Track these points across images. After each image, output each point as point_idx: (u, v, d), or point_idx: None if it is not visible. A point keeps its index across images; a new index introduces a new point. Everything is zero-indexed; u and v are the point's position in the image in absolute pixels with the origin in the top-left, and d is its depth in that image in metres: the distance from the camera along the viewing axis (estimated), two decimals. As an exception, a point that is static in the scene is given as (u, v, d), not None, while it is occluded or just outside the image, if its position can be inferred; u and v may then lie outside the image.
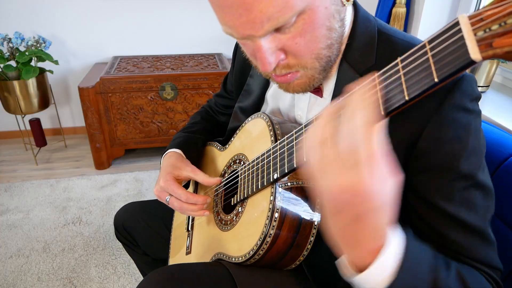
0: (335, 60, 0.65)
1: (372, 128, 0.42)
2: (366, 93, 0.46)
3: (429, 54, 0.39)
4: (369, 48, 0.66)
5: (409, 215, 0.67)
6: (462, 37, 0.35)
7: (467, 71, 0.42)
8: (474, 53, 0.34)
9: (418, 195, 0.63)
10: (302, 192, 0.71)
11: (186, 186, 1.04)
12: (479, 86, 1.54)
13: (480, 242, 0.61)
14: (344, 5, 0.61)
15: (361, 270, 0.48)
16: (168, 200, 0.87)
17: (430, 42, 0.39)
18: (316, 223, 0.70)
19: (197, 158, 1.04)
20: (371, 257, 0.47)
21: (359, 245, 0.47)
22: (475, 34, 0.34)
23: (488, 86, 1.59)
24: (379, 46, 0.66)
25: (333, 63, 0.65)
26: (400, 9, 1.96)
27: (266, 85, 0.88)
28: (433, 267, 0.53)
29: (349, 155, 0.42)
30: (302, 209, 0.70)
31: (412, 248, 0.50)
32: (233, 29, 0.55)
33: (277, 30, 0.55)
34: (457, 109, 0.57)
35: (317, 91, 0.72)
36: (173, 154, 0.95)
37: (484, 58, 0.34)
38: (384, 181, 0.42)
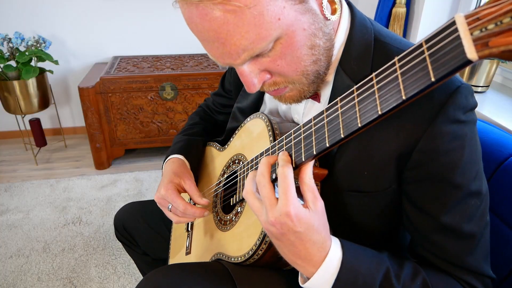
0: (325, 72, 0.65)
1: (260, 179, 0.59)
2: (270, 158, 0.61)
3: (426, 53, 0.39)
4: (365, 57, 0.65)
5: (404, 219, 0.68)
6: (458, 37, 0.35)
7: (466, 71, 0.42)
8: (471, 52, 0.34)
9: (412, 202, 0.64)
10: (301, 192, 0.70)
11: None
12: (479, 86, 1.53)
13: (467, 249, 0.62)
14: (329, 19, 0.60)
15: (309, 278, 0.58)
16: (170, 208, 0.88)
17: (426, 41, 0.39)
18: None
19: (199, 161, 1.04)
20: (315, 268, 0.57)
21: (302, 261, 0.57)
22: (471, 34, 0.34)
23: (488, 86, 1.59)
24: (375, 55, 0.65)
25: (323, 74, 0.65)
26: (400, 9, 1.96)
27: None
28: (383, 277, 0.58)
29: (265, 199, 0.56)
30: (301, 209, 0.70)
31: (350, 261, 0.57)
32: (215, 58, 0.58)
33: (256, 56, 0.57)
34: (450, 122, 0.57)
35: (315, 97, 0.72)
36: (176, 161, 0.95)
37: (481, 58, 0.34)
38: (299, 209, 0.54)
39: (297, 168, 0.63)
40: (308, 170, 0.58)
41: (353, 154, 0.64)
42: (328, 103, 0.69)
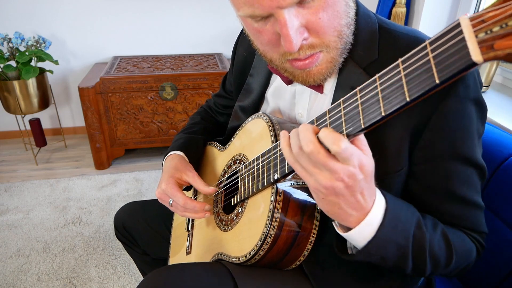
0: (350, 43, 0.66)
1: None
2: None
3: (430, 55, 0.39)
4: (371, 43, 0.67)
5: (410, 198, 0.70)
6: (463, 39, 0.35)
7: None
8: (476, 55, 0.34)
9: (420, 181, 0.68)
10: (303, 192, 0.71)
11: (190, 186, 1.04)
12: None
13: (473, 213, 0.70)
14: None
15: (349, 229, 0.59)
16: (171, 203, 0.87)
17: (431, 43, 0.39)
18: (316, 224, 0.70)
19: (199, 159, 1.04)
20: (364, 215, 0.57)
21: (357, 211, 0.57)
22: (476, 36, 0.34)
23: (488, 86, 1.59)
24: (381, 41, 0.67)
25: (348, 47, 0.66)
26: (400, 9, 1.96)
27: (266, 84, 0.87)
28: (416, 225, 0.61)
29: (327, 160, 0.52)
30: (302, 210, 0.70)
31: (392, 209, 0.59)
32: (258, 3, 0.55)
33: (300, 4, 0.56)
34: (461, 101, 0.61)
35: (318, 87, 0.72)
36: (175, 157, 0.95)
37: (486, 60, 0.34)
38: (362, 156, 0.52)
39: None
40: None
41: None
42: (334, 92, 0.70)
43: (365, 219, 0.57)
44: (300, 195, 0.70)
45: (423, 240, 0.61)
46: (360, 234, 0.58)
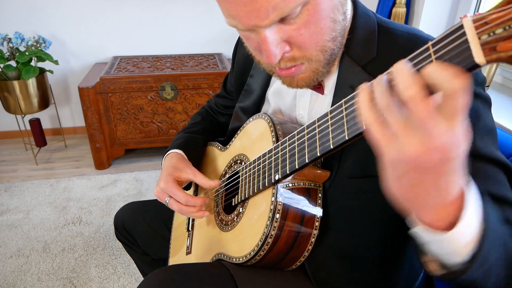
0: (337, 53, 0.65)
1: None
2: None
3: (433, 57, 0.39)
4: (370, 41, 0.67)
5: None
6: (466, 41, 0.35)
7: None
8: (478, 56, 0.34)
9: None
10: (304, 193, 0.71)
11: (189, 186, 1.04)
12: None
13: None
14: None
15: (451, 224, 0.45)
16: (167, 201, 0.87)
17: (433, 45, 0.39)
18: (317, 224, 0.70)
19: (198, 158, 1.04)
20: (451, 213, 0.44)
21: (454, 190, 0.43)
22: (479, 38, 0.34)
23: (488, 86, 1.60)
24: (380, 39, 0.67)
25: (336, 56, 0.65)
26: (400, 9, 1.96)
27: (266, 84, 0.87)
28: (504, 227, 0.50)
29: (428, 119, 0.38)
30: (303, 210, 0.70)
31: (489, 207, 0.47)
32: (238, 19, 0.55)
33: (282, 21, 0.55)
34: None
35: (318, 87, 0.72)
36: (175, 155, 0.95)
37: (488, 62, 0.34)
38: (457, 137, 0.39)
39: (300, 170, 0.63)
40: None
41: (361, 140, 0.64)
42: (334, 91, 0.70)
43: (464, 209, 0.44)
44: (301, 195, 0.70)
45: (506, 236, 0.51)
46: (465, 232, 0.44)
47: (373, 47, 0.66)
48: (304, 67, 0.63)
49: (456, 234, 0.44)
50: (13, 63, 2.30)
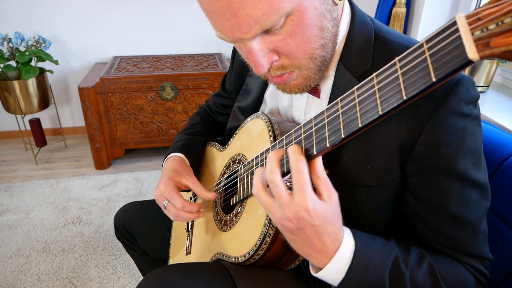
0: (330, 59, 0.65)
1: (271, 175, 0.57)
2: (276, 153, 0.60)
3: (427, 54, 0.39)
4: (365, 52, 0.66)
5: (406, 211, 0.69)
6: (459, 37, 0.35)
7: (466, 72, 0.42)
8: (472, 52, 0.34)
9: (414, 194, 0.66)
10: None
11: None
12: (479, 86, 1.53)
13: (472, 236, 0.65)
14: (336, 4, 0.61)
15: (321, 269, 0.59)
16: (165, 205, 0.87)
17: (427, 42, 0.39)
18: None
19: (199, 160, 1.04)
20: (328, 258, 0.58)
21: (316, 253, 0.58)
22: (472, 34, 0.34)
23: (488, 86, 1.59)
24: (375, 50, 0.66)
25: (328, 62, 0.65)
26: (400, 9, 1.96)
27: (265, 85, 0.87)
28: (393, 263, 0.60)
29: (280, 198, 0.56)
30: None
31: (362, 250, 0.58)
32: (224, 33, 0.56)
33: (267, 32, 0.56)
34: (452, 114, 0.58)
35: (315, 92, 0.72)
36: (176, 159, 0.95)
37: (482, 58, 0.34)
38: (316, 203, 0.54)
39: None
40: (319, 163, 0.57)
41: (355, 149, 0.64)
42: (329, 98, 0.70)
43: (329, 262, 0.57)
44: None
45: (402, 278, 0.59)
46: (330, 276, 0.59)
47: (369, 58, 0.65)
48: (295, 75, 0.63)
49: (322, 275, 0.59)
50: (13, 63, 2.30)
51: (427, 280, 0.61)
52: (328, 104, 0.70)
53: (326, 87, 0.71)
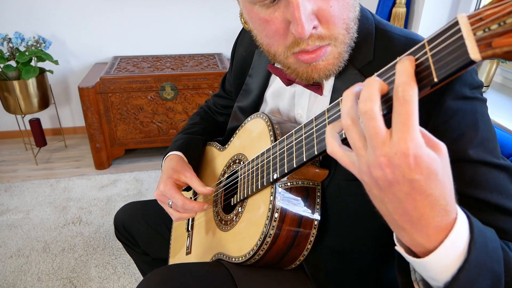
0: (351, 44, 0.64)
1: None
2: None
3: (429, 54, 0.39)
4: (367, 44, 0.67)
5: None
6: (461, 37, 0.35)
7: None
8: (474, 53, 0.34)
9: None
10: (302, 192, 0.70)
11: (189, 187, 1.04)
12: (479, 86, 1.54)
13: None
14: None
15: (427, 251, 0.43)
16: (170, 204, 0.87)
17: (429, 42, 0.39)
18: (316, 223, 0.70)
19: (198, 159, 1.04)
20: (438, 235, 0.42)
21: (412, 226, 0.42)
22: (474, 34, 0.34)
23: (488, 86, 1.59)
24: (377, 42, 0.67)
25: (352, 45, 0.65)
26: (400, 9, 1.96)
27: (265, 84, 0.87)
28: (501, 245, 0.47)
29: (374, 134, 0.40)
30: (302, 209, 0.70)
31: (475, 222, 0.44)
32: None
33: None
34: (458, 98, 0.58)
35: (317, 88, 0.72)
36: (174, 157, 0.95)
37: (484, 58, 0.34)
38: (423, 148, 0.39)
39: (298, 168, 0.63)
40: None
41: None
42: (331, 93, 0.70)
43: (449, 234, 0.41)
44: (300, 194, 0.70)
45: (510, 263, 0.47)
46: (445, 258, 0.42)
47: (370, 50, 0.66)
48: (328, 51, 0.62)
49: (434, 259, 0.42)
50: (13, 63, 2.30)
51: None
52: (330, 100, 0.70)
53: (329, 84, 0.71)
